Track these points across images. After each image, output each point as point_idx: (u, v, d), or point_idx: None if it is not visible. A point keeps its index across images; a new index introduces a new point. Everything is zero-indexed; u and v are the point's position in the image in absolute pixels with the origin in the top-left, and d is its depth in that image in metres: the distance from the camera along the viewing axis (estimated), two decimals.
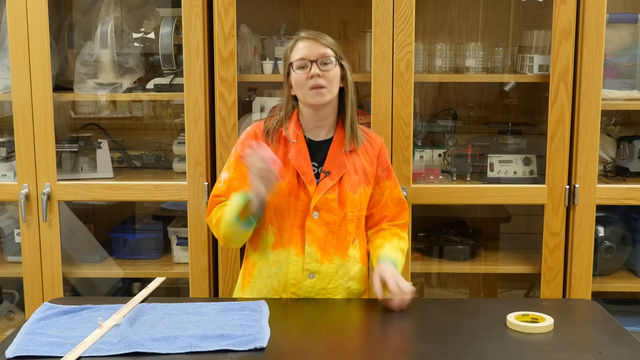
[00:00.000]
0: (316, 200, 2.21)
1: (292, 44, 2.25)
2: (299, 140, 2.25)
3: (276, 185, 2.11)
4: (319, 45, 2.20)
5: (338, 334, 2.02)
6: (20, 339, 1.88)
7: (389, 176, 2.33)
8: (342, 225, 2.24)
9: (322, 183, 2.22)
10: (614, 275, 3.06)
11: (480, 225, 3.28)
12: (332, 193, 2.22)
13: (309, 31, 2.26)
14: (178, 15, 2.88)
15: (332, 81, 2.20)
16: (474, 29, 3.24)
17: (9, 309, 3.24)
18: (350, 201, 2.23)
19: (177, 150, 3.10)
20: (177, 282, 3.17)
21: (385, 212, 2.33)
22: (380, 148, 2.32)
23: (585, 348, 1.87)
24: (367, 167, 2.28)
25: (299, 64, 2.19)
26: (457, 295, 3.43)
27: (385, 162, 2.33)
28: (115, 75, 3.02)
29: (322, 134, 2.27)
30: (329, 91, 2.19)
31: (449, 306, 2.22)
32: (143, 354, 1.80)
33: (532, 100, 3.18)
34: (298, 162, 2.22)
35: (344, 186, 2.23)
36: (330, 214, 2.22)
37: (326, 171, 2.23)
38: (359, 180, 2.25)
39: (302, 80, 2.19)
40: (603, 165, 3.08)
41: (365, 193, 2.28)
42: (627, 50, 2.99)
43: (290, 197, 2.22)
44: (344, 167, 2.23)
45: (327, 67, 2.19)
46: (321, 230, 2.22)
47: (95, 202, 3.24)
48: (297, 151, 2.23)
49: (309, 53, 2.19)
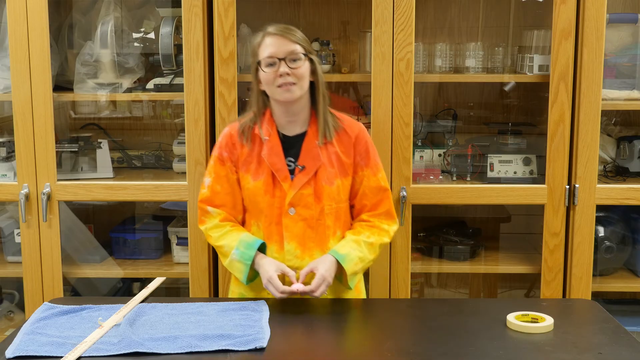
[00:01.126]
0: (291, 196, 2.21)
1: (260, 39, 2.21)
2: (272, 137, 2.24)
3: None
4: (287, 42, 2.18)
5: (338, 334, 2.02)
6: (20, 339, 1.88)
7: (368, 164, 2.28)
8: (320, 219, 2.24)
9: (296, 179, 2.22)
10: (614, 275, 3.06)
11: (480, 225, 3.28)
12: (307, 188, 2.22)
13: (277, 26, 2.22)
14: (178, 15, 2.87)
15: (302, 77, 2.18)
16: (474, 29, 3.24)
17: (9, 309, 3.24)
18: (327, 194, 2.23)
19: (177, 150, 3.10)
20: (177, 282, 3.17)
21: (364, 202, 2.30)
22: (356, 136, 2.28)
23: (585, 348, 1.87)
24: (342, 157, 2.25)
25: (267, 61, 2.17)
26: (457, 295, 3.43)
27: (364, 149, 2.28)
28: (115, 75, 3.02)
29: (296, 128, 2.27)
30: (299, 87, 2.18)
31: (449, 306, 2.22)
32: (143, 354, 1.80)
33: (532, 100, 3.18)
34: (271, 160, 2.22)
35: (319, 180, 2.22)
36: (307, 209, 2.22)
37: (301, 166, 2.23)
38: (335, 172, 2.24)
39: (270, 79, 2.18)
40: (603, 165, 3.08)
41: (343, 184, 2.26)
42: (627, 50, 2.99)
43: (266, 195, 2.23)
44: (319, 161, 2.22)
45: (297, 64, 2.17)
46: (299, 226, 2.23)
47: (95, 202, 3.24)
48: (270, 149, 2.23)
49: (277, 50, 2.17)
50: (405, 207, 2.80)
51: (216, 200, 2.29)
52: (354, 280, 2.25)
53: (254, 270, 2.22)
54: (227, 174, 2.28)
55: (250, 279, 2.23)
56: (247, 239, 2.22)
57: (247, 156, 2.26)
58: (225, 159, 2.28)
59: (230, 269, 2.26)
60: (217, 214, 2.28)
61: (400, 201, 2.79)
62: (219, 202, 2.29)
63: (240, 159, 2.26)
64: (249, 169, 2.25)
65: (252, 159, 2.25)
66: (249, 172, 2.25)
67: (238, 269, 2.22)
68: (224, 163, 2.28)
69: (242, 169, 2.26)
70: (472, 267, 3.10)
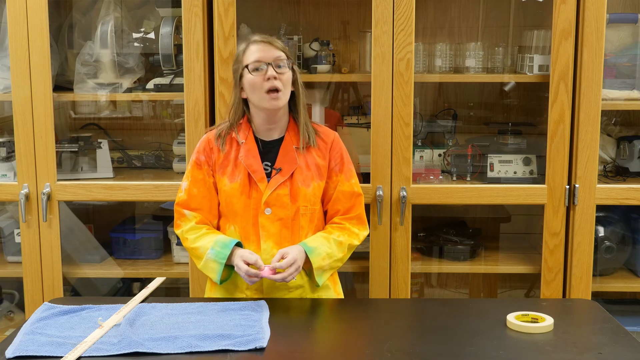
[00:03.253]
0: (267, 195, 2.23)
1: (245, 47, 2.28)
2: (248, 141, 2.28)
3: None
4: (273, 48, 2.24)
5: (338, 334, 2.02)
6: (20, 339, 1.88)
7: (342, 169, 2.33)
8: (295, 219, 2.27)
9: (273, 180, 2.25)
10: (614, 275, 3.06)
11: (480, 225, 3.28)
12: (283, 189, 2.25)
13: (261, 35, 2.29)
14: (178, 15, 2.88)
15: (286, 84, 2.24)
16: (474, 29, 3.24)
17: (9, 309, 3.24)
18: (302, 195, 2.26)
19: (177, 150, 3.10)
20: (177, 282, 3.17)
21: (337, 206, 2.34)
22: (332, 142, 2.33)
23: (585, 348, 1.87)
24: (319, 161, 2.30)
25: (254, 65, 2.22)
26: (457, 295, 3.43)
27: (338, 155, 2.33)
28: (115, 75, 3.02)
29: (274, 134, 2.31)
30: (284, 94, 2.23)
31: (449, 306, 2.22)
32: (143, 354, 1.80)
33: (532, 100, 3.18)
34: (247, 162, 2.26)
35: (295, 181, 2.26)
36: (283, 209, 2.25)
37: (277, 168, 2.26)
38: (312, 175, 2.28)
39: (258, 83, 2.22)
40: (603, 165, 3.08)
41: (319, 187, 2.30)
42: (627, 50, 2.99)
43: (243, 197, 2.26)
44: (295, 163, 2.26)
45: (282, 70, 2.22)
46: (275, 226, 2.25)
47: (95, 202, 3.24)
48: (247, 151, 2.27)
49: (264, 55, 2.22)
50: (405, 207, 2.80)
51: (192, 203, 2.31)
52: (322, 277, 2.27)
53: (227, 271, 2.23)
54: (204, 177, 2.31)
55: (224, 279, 2.24)
56: (222, 240, 2.24)
57: (224, 159, 2.29)
58: (202, 162, 2.31)
59: (205, 270, 2.27)
60: (193, 217, 2.31)
61: (400, 201, 2.80)
62: (195, 205, 2.31)
63: (217, 163, 2.30)
64: (226, 171, 2.28)
65: (229, 162, 2.28)
66: (225, 175, 2.28)
67: (212, 269, 2.23)
68: (201, 167, 2.31)
69: (219, 172, 2.30)
70: (472, 267, 3.10)
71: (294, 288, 2.28)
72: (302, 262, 2.19)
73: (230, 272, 2.25)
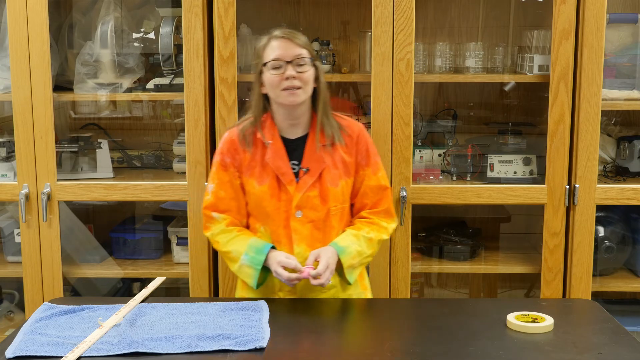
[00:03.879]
0: (297, 199, 2.21)
1: (266, 42, 2.22)
2: (275, 141, 2.24)
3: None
4: (294, 46, 2.18)
5: (338, 334, 2.02)
6: (20, 339, 1.88)
7: (368, 163, 2.29)
8: (326, 220, 2.24)
9: (301, 181, 2.22)
10: (614, 275, 3.06)
11: (480, 225, 3.28)
12: (313, 190, 2.22)
13: (283, 30, 2.23)
14: (178, 15, 2.87)
15: (307, 82, 2.19)
16: (474, 29, 3.24)
17: (9, 309, 3.24)
18: (332, 196, 2.23)
19: (177, 150, 3.10)
20: (177, 282, 3.17)
21: (365, 200, 2.30)
22: (357, 135, 2.28)
23: (585, 348, 1.87)
24: (345, 158, 2.26)
25: (273, 64, 2.17)
26: (457, 295, 3.43)
27: (364, 149, 2.29)
28: (115, 75, 3.02)
29: (298, 131, 2.27)
30: (304, 91, 2.19)
31: (449, 306, 2.22)
32: (143, 354, 1.80)
33: (532, 100, 3.18)
34: (275, 164, 2.22)
35: (324, 181, 2.23)
36: (314, 211, 2.22)
37: (305, 168, 2.23)
38: (339, 173, 2.25)
39: (276, 81, 2.17)
40: (603, 165, 3.08)
41: (347, 184, 2.27)
42: (627, 50, 2.99)
43: (273, 199, 2.23)
44: (323, 163, 2.23)
45: (302, 69, 2.18)
46: (306, 228, 2.23)
47: (95, 202, 3.24)
48: (274, 152, 2.23)
49: (284, 53, 2.17)
50: (405, 207, 2.80)
51: (221, 205, 2.28)
52: (353, 274, 2.25)
53: (264, 274, 2.21)
54: (230, 179, 2.27)
55: (260, 282, 2.22)
56: (256, 244, 2.21)
57: (250, 160, 2.25)
58: (228, 164, 2.27)
59: (239, 274, 2.25)
60: (222, 219, 2.28)
61: (400, 201, 2.79)
62: (223, 207, 2.28)
63: (244, 164, 2.26)
64: (253, 173, 2.24)
65: (256, 164, 2.24)
66: (253, 177, 2.24)
67: (248, 274, 2.21)
68: (227, 168, 2.27)
69: (246, 174, 2.26)
70: (472, 267, 3.10)
71: (326, 289, 2.27)
72: (335, 264, 2.17)
73: (265, 274, 2.22)
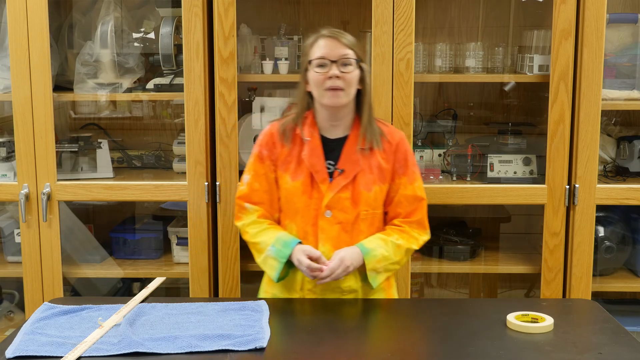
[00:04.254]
0: (328, 198, 2.21)
1: (313, 40, 2.22)
2: (313, 139, 2.24)
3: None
4: (341, 46, 2.18)
5: (338, 334, 2.01)
6: (20, 339, 1.88)
7: (405, 172, 2.28)
8: (355, 224, 2.23)
9: (335, 181, 2.22)
10: (614, 275, 3.06)
11: (480, 225, 3.28)
12: (345, 192, 2.21)
13: (331, 29, 2.23)
14: (178, 15, 2.87)
15: (351, 83, 2.18)
16: (474, 29, 3.24)
17: (9, 309, 3.24)
18: (364, 200, 2.22)
19: (177, 150, 3.10)
20: (177, 282, 3.17)
21: (399, 210, 2.29)
22: (397, 143, 2.28)
23: (585, 348, 1.87)
24: (382, 164, 2.25)
25: (318, 62, 2.17)
26: (457, 295, 3.43)
27: (403, 157, 2.28)
28: (115, 75, 3.02)
29: (338, 132, 2.26)
30: (346, 94, 2.18)
31: (449, 306, 2.22)
32: (143, 354, 1.80)
33: (532, 100, 3.18)
34: (311, 161, 2.22)
35: (358, 185, 2.22)
36: (343, 212, 2.22)
37: (340, 169, 2.22)
38: (374, 178, 2.24)
39: (320, 80, 2.17)
40: (603, 165, 3.08)
41: (381, 190, 2.26)
42: (627, 50, 2.99)
43: (304, 196, 2.23)
44: (358, 166, 2.22)
45: (347, 69, 2.17)
46: (334, 229, 2.22)
47: (95, 202, 3.24)
48: (311, 150, 2.23)
49: (329, 52, 2.17)
50: None
51: (254, 197, 2.28)
52: (377, 279, 2.23)
53: (286, 269, 2.22)
54: (266, 172, 2.28)
55: (281, 277, 2.23)
56: (284, 237, 2.22)
57: (287, 156, 2.25)
58: (265, 157, 2.28)
59: (263, 265, 2.26)
60: (254, 210, 2.28)
61: None
62: (257, 199, 2.28)
63: (280, 158, 2.26)
64: (288, 168, 2.25)
65: (292, 159, 2.25)
66: (287, 172, 2.25)
67: (271, 266, 2.21)
68: (263, 161, 2.28)
69: (281, 168, 2.26)
70: (472, 267, 3.10)
71: (347, 292, 2.26)
72: (355, 263, 2.17)
73: (287, 270, 2.22)
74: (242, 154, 2.90)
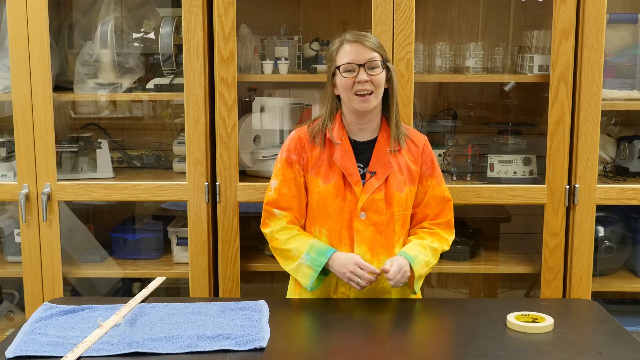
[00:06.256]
0: (363, 200, 2.21)
1: (338, 45, 2.24)
2: (344, 142, 2.25)
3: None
4: (366, 50, 2.20)
5: (338, 334, 2.01)
6: (20, 339, 1.88)
7: (433, 174, 2.31)
8: (389, 225, 2.24)
9: (368, 183, 2.22)
10: (614, 275, 3.06)
11: (480, 225, 3.28)
12: (378, 193, 2.22)
13: (354, 33, 2.24)
14: (178, 15, 2.87)
15: (379, 85, 2.20)
16: (474, 29, 3.24)
17: (9, 309, 3.24)
18: (397, 200, 2.24)
19: (177, 150, 3.10)
20: (177, 282, 3.17)
21: (427, 211, 2.32)
22: (423, 146, 2.31)
23: (585, 348, 1.87)
24: (411, 166, 2.28)
25: (346, 67, 2.19)
26: (457, 295, 3.43)
27: (429, 159, 2.32)
28: (115, 75, 3.02)
29: (366, 135, 2.28)
30: (375, 96, 2.20)
31: (449, 306, 2.22)
32: (143, 354, 1.80)
33: (532, 100, 3.18)
34: (344, 164, 2.23)
35: (390, 186, 2.23)
36: (378, 214, 2.22)
37: (372, 171, 2.23)
38: (404, 179, 2.26)
39: (348, 85, 2.19)
40: (603, 165, 3.08)
41: (411, 192, 2.28)
42: (627, 50, 2.99)
43: (337, 199, 2.23)
44: (390, 167, 2.24)
45: (374, 72, 2.19)
46: (369, 231, 2.23)
47: (95, 202, 3.24)
48: (343, 152, 2.24)
49: (356, 57, 2.19)
50: None
51: (283, 202, 2.28)
52: (418, 285, 2.25)
53: (319, 278, 2.21)
54: (295, 176, 2.27)
55: (314, 286, 2.22)
56: (318, 246, 2.21)
57: (317, 159, 2.26)
58: (294, 161, 2.28)
59: (295, 273, 2.24)
60: (283, 216, 2.28)
61: None
62: (285, 204, 2.28)
63: (310, 162, 2.26)
64: (319, 172, 2.25)
65: (322, 163, 2.25)
66: (318, 176, 2.25)
67: (305, 274, 2.21)
68: (292, 166, 2.28)
69: (312, 172, 2.26)
70: (472, 267, 3.10)
71: (380, 293, 2.27)
72: (409, 272, 2.18)
73: (320, 278, 2.22)
74: (242, 154, 2.90)
